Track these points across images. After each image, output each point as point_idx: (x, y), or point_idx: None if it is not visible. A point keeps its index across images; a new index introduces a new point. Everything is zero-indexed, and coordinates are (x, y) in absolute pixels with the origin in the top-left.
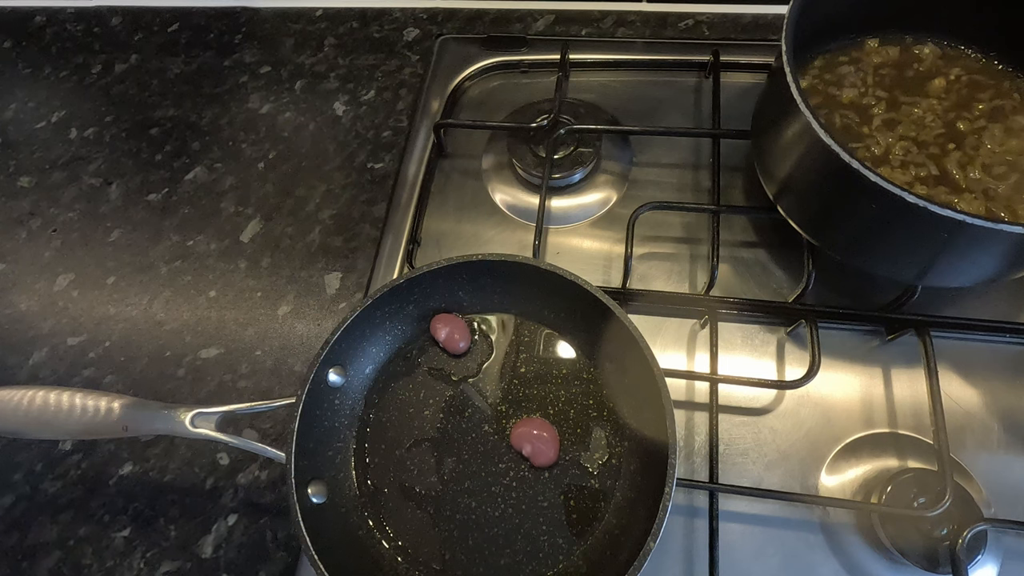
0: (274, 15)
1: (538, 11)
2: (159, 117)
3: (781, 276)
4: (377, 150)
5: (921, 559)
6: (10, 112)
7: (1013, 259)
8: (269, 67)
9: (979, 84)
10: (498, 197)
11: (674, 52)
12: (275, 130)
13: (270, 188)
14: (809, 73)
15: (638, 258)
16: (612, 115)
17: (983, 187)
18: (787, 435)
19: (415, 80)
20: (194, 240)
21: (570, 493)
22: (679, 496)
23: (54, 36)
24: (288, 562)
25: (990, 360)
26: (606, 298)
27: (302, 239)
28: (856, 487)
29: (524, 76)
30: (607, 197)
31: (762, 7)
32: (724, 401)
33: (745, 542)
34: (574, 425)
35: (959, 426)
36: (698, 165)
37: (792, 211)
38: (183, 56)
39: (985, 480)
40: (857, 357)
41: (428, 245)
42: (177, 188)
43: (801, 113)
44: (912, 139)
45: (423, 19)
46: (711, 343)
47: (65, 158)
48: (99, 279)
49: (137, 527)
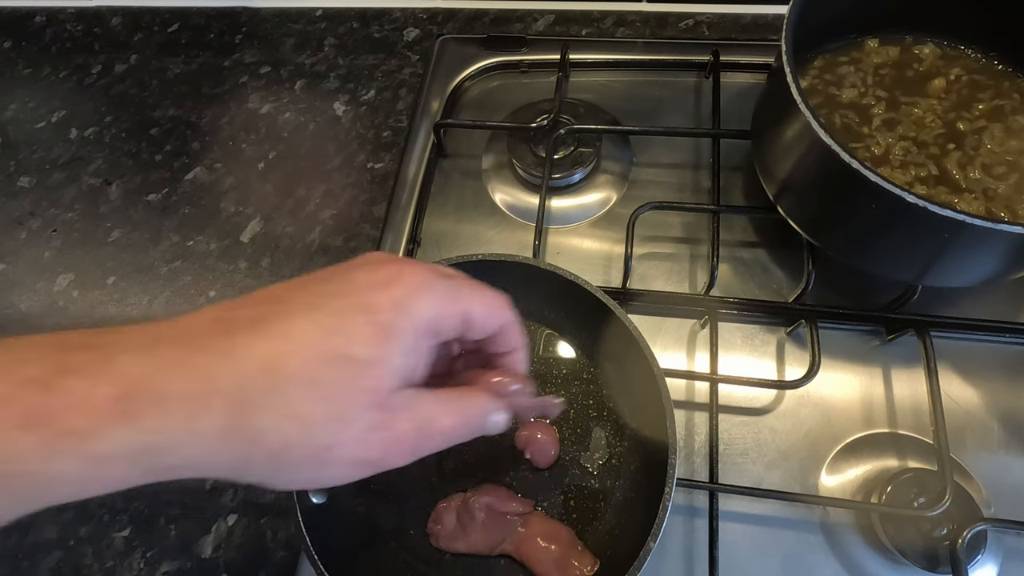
0: (274, 15)
1: (538, 11)
2: (159, 117)
3: (781, 276)
4: (377, 150)
5: (921, 559)
6: (10, 112)
7: (1013, 259)
8: (269, 67)
9: (979, 84)
10: (498, 197)
11: (674, 52)
12: (275, 130)
13: (270, 188)
14: (809, 73)
15: (638, 258)
16: (612, 115)
17: (983, 187)
18: (787, 435)
19: (415, 80)
20: (194, 240)
21: (570, 493)
22: (679, 496)
23: (54, 36)
24: (288, 562)
25: (990, 360)
26: (606, 298)
27: (302, 239)
28: (856, 487)
29: (524, 76)
30: (607, 197)
31: (762, 7)
32: (724, 401)
33: (745, 542)
34: (574, 425)
35: (959, 426)
36: (698, 165)
37: (792, 211)
38: (183, 56)
39: (985, 480)
40: (857, 357)
41: (428, 245)
42: (177, 188)
43: (801, 113)
44: (912, 139)
45: (423, 19)
46: (711, 343)
47: (65, 158)
48: (99, 279)
49: (137, 527)
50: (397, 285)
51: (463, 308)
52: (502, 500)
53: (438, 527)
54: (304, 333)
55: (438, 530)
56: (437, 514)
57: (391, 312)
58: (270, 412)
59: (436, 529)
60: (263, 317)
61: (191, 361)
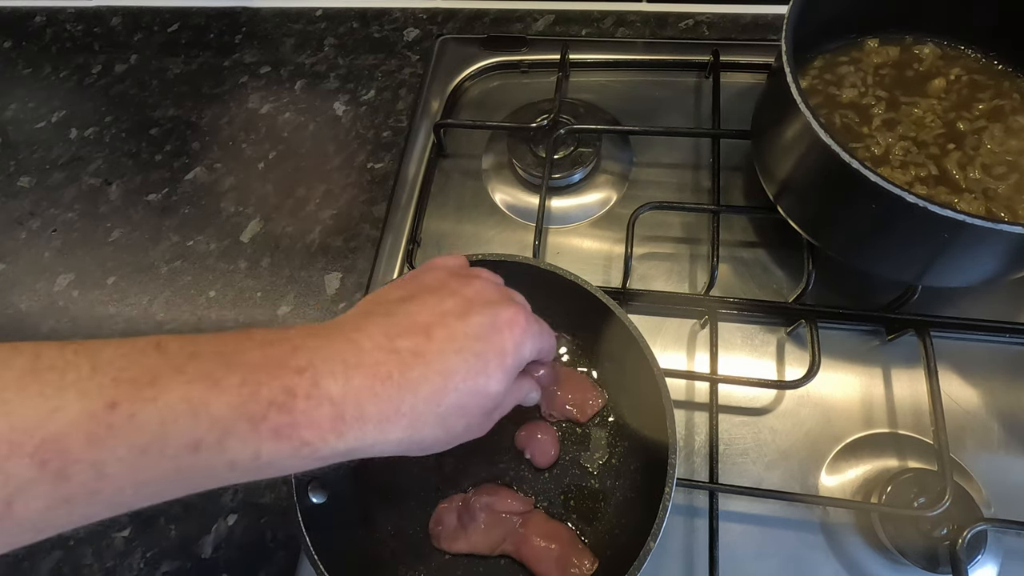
0: (274, 15)
1: (538, 11)
2: (159, 117)
3: (781, 276)
4: (377, 150)
5: (921, 559)
6: (10, 112)
7: (1013, 259)
8: (269, 67)
9: (979, 84)
10: (498, 197)
11: (674, 52)
12: (275, 130)
13: (270, 188)
14: (809, 73)
15: (638, 258)
16: (612, 115)
17: (983, 187)
18: (787, 435)
19: (415, 80)
20: (194, 240)
21: (570, 493)
22: (679, 496)
23: (54, 36)
24: (288, 562)
25: (990, 360)
26: (606, 298)
27: (302, 239)
28: (856, 487)
29: (524, 76)
30: (607, 197)
31: (762, 7)
32: (724, 401)
33: (745, 542)
34: (574, 425)
35: (959, 426)
36: (698, 165)
37: (792, 211)
38: (183, 56)
39: (985, 480)
40: (857, 357)
41: (428, 245)
42: (177, 188)
43: (801, 113)
44: (912, 139)
45: (423, 19)
46: (711, 343)
47: (65, 158)
48: (99, 279)
49: (137, 527)
50: (516, 330)
51: (542, 349)
52: (502, 499)
53: (439, 528)
54: (458, 373)
55: (439, 531)
56: (438, 515)
57: (513, 356)
58: (431, 428)
59: (437, 530)
60: (424, 353)
61: (380, 392)
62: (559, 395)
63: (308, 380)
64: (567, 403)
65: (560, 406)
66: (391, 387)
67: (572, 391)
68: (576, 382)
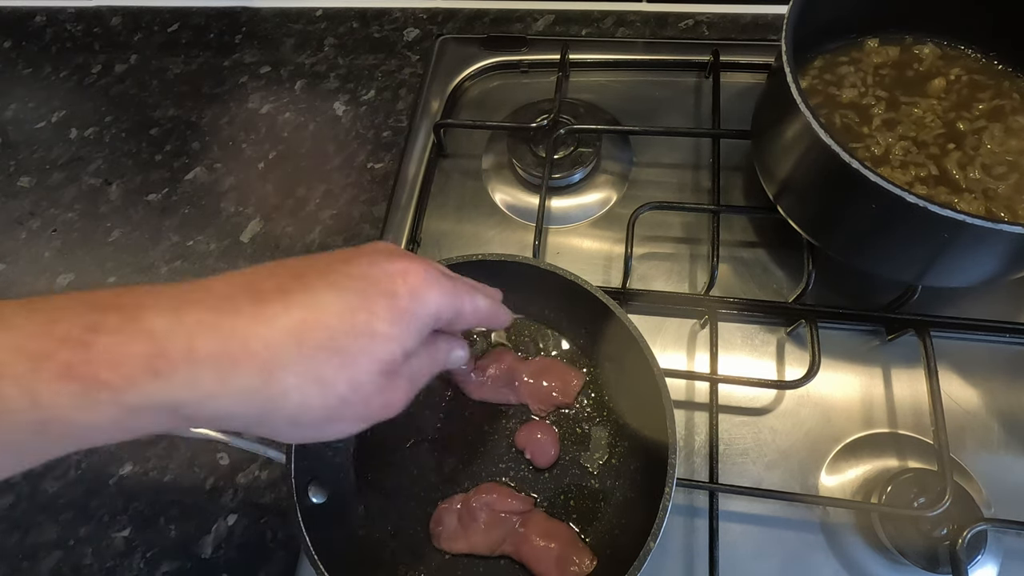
0: (274, 15)
1: (538, 11)
2: (159, 117)
3: (781, 276)
4: (377, 150)
5: (921, 559)
6: (10, 112)
7: (1013, 259)
8: (269, 67)
9: (979, 84)
10: (498, 197)
11: (674, 52)
12: (275, 130)
13: (270, 188)
14: (809, 73)
15: (638, 258)
16: (612, 115)
17: (983, 187)
18: (787, 435)
19: (415, 80)
20: (194, 240)
21: (570, 493)
22: (679, 496)
23: (54, 36)
24: (288, 562)
25: (990, 360)
26: (606, 298)
27: (302, 239)
28: (856, 487)
29: (524, 76)
30: (607, 197)
31: (762, 7)
32: (724, 401)
33: (745, 542)
34: (574, 425)
35: (959, 426)
36: (698, 165)
37: (792, 211)
38: (183, 56)
39: (985, 480)
40: (857, 357)
41: (428, 245)
42: (177, 188)
43: (801, 113)
44: (912, 139)
45: (423, 19)
46: (711, 343)
47: (65, 158)
48: (99, 279)
49: (137, 527)
50: (412, 276)
51: (458, 306)
52: (502, 499)
53: (439, 528)
54: (331, 307)
55: (439, 531)
56: (438, 515)
57: (408, 299)
58: (295, 375)
59: (437, 530)
60: (289, 289)
61: (222, 324)
62: (544, 386)
63: (123, 315)
64: (552, 391)
65: (546, 397)
66: (239, 320)
67: (552, 379)
68: (553, 369)
